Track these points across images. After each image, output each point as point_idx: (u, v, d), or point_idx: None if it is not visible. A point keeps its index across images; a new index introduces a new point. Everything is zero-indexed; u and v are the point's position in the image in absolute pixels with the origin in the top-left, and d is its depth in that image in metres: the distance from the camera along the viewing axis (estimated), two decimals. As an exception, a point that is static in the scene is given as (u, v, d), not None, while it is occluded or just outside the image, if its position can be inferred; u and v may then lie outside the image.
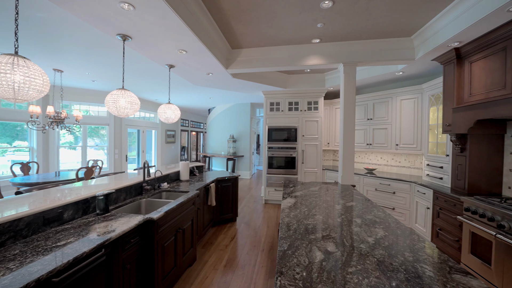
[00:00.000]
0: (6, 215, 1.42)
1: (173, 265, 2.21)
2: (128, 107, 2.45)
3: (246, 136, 7.86)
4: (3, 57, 1.51)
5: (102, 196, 1.94)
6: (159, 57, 3.12)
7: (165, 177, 3.16)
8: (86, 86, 5.73)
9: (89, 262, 1.37)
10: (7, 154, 5.35)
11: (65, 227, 1.67)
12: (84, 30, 2.90)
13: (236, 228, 3.72)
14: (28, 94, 1.58)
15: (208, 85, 4.72)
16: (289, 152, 4.86)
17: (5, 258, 1.25)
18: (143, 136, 7.82)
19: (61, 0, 1.92)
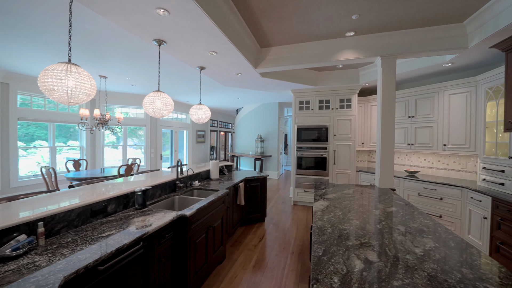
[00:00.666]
0: (61, 206, 1.58)
1: (204, 262, 2.26)
2: (163, 108, 2.57)
3: (274, 136, 7.79)
4: (59, 65, 1.68)
5: (140, 192, 2.06)
6: (191, 59, 3.23)
7: (196, 175, 3.26)
8: (126, 90, 6.23)
9: (129, 254, 1.45)
10: (63, 152, 6.07)
11: (109, 220, 1.80)
12: (124, 38, 3.12)
13: (264, 229, 3.68)
14: (79, 98, 1.74)
15: (237, 85, 4.77)
16: (319, 153, 4.67)
17: (60, 245, 1.38)
18: (175, 136, 8.25)
19: (106, 11, 2.09)
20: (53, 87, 1.64)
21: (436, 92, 3.62)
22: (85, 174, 4.62)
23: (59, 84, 1.65)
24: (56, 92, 1.65)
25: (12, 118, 4.85)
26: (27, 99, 5.26)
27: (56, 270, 1.12)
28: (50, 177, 4.07)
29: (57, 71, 1.64)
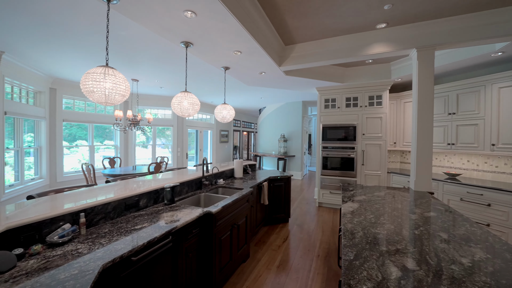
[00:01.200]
0: (99, 199, 1.70)
1: (229, 259, 2.27)
2: (190, 107, 2.65)
3: (297, 136, 7.65)
4: (98, 68, 1.81)
5: (169, 188, 2.14)
6: (215, 60, 3.29)
7: (221, 174, 3.32)
8: (155, 92, 6.58)
9: (159, 247, 1.51)
10: (100, 150, 6.60)
11: (141, 213, 1.90)
12: (154, 42, 3.28)
13: (288, 229, 3.62)
14: (115, 98, 1.86)
15: (260, 84, 4.76)
16: (346, 153, 4.47)
17: (98, 235, 1.48)
18: (200, 136, 8.51)
19: (138, 17, 2.21)
20: (92, 89, 1.77)
21: (483, 86, 3.25)
22: (119, 171, 4.97)
23: (98, 86, 1.78)
24: (96, 94, 1.78)
25: (58, 119, 5.39)
26: (70, 103, 5.81)
27: (95, 258, 1.20)
28: (89, 173, 4.45)
29: (96, 74, 1.77)
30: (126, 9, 2.08)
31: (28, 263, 1.14)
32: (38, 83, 4.83)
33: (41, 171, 5.09)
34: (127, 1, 1.96)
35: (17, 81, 4.26)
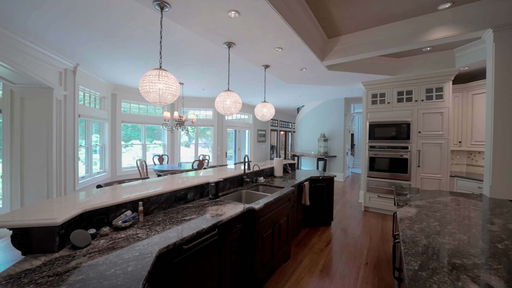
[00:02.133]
0: (154, 190, 1.85)
1: (270, 258, 2.25)
2: (233, 106, 2.71)
3: (339, 135, 7.24)
4: (153, 71, 1.98)
5: (214, 183, 2.22)
6: (256, 59, 3.32)
7: (261, 172, 3.32)
8: (198, 94, 6.98)
9: (207, 238, 1.56)
10: (150, 149, 7.30)
11: (188, 206, 2.01)
12: (198, 46, 3.46)
13: (331, 233, 3.43)
14: (167, 98, 2.01)
15: (301, 81, 4.64)
16: (398, 153, 4.03)
17: (153, 223, 1.61)
18: (239, 135, 8.73)
19: (186, 21, 2.35)
20: (148, 90, 1.94)
21: None
22: (166, 167, 5.41)
23: (153, 87, 1.94)
24: (151, 94, 1.94)
25: (117, 121, 6.13)
26: (127, 106, 6.55)
27: (152, 243, 1.30)
28: (142, 168, 4.94)
29: (151, 76, 1.94)
30: (176, 15, 2.23)
31: (99, 242, 1.30)
32: (103, 90, 5.58)
33: (105, 166, 5.86)
34: (176, 8, 2.10)
35: (87, 88, 4.98)
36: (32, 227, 1.16)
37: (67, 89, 4.26)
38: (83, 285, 0.93)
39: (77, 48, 3.61)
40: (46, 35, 3.15)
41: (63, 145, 4.18)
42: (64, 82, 4.21)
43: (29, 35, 3.14)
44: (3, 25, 2.86)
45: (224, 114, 2.81)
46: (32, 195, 3.91)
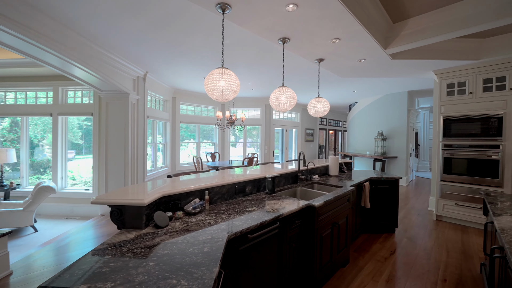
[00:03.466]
0: (215, 182, 1.96)
1: (329, 259, 2.13)
2: (288, 102, 2.68)
3: (400, 133, 6.45)
4: (216, 69, 2.10)
5: (270, 178, 2.22)
6: (310, 53, 3.21)
7: (315, 170, 3.19)
8: (247, 94, 7.20)
9: (269, 230, 1.56)
10: (202, 147, 7.86)
11: (247, 198, 2.06)
12: (249, 46, 3.54)
13: (395, 241, 3.06)
14: (228, 95, 2.10)
15: (357, 74, 4.30)
16: (484, 153, 3.34)
17: (218, 211, 1.69)
18: (286, 134, 8.65)
19: (244, 21, 2.42)
20: (212, 88, 2.06)
21: None
22: (217, 164, 5.72)
23: (216, 84, 2.05)
24: (214, 92, 2.06)
25: (177, 121, 6.79)
26: (184, 108, 7.20)
27: (221, 229, 1.36)
28: (198, 164, 5.34)
29: (214, 75, 2.05)
30: (236, 15, 2.32)
31: (175, 224, 1.43)
32: (165, 93, 6.26)
33: (166, 161, 6.57)
34: (237, 8, 2.17)
35: (153, 93, 5.67)
36: (126, 205, 1.36)
37: (139, 94, 4.92)
38: (169, 259, 1.03)
39: (148, 57, 4.12)
40: (125, 48, 3.70)
41: (136, 143, 4.84)
42: (136, 88, 4.88)
43: (112, 49, 3.73)
44: (95, 42, 3.47)
45: (279, 110, 2.80)
46: (113, 183, 4.64)
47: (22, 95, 5.28)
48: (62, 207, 4.91)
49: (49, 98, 5.14)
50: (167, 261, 1.01)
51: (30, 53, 2.93)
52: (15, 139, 6.28)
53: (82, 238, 3.24)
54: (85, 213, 4.82)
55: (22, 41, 2.59)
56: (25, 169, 5.23)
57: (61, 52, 2.96)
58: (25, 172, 5.23)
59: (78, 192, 4.97)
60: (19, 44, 2.68)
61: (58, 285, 0.84)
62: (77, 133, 5.74)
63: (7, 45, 2.69)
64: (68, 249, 2.90)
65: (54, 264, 2.56)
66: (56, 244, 3.06)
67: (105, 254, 1.06)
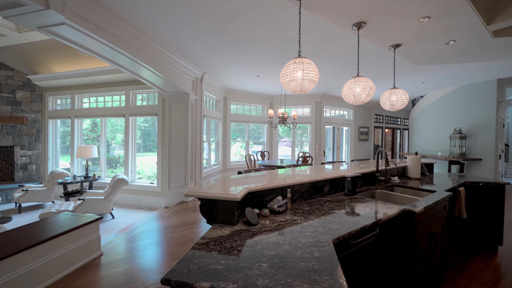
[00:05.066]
0: (297, 179, 1.82)
1: (425, 275, 1.79)
2: (363, 93, 2.40)
3: (486, 131, 5.35)
4: (292, 60, 1.97)
5: (350, 178, 1.99)
6: (386, 38, 2.84)
7: (393, 171, 2.81)
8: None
9: (369, 237, 1.35)
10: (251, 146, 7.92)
11: (327, 199, 1.87)
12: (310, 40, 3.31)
13: (500, 262, 2.47)
14: (305, 86, 1.95)
15: (439, 60, 3.69)
16: None
17: (303, 211, 1.55)
18: (338, 133, 8.10)
19: (318, 8, 2.24)
20: (289, 80, 1.94)
21: None
22: (267, 162, 5.64)
23: (292, 75, 1.92)
24: (292, 83, 1.93)
25: (228, 121, 6.97)
26: (234, 107, 7.35)
27: (318, 231, 1.21)
28: (250, 162, 5.34)
29: (291, 65, 1.93)
30: (310, 2, 2.15)
31: (265, 222, 1.34)
32: (218, 94, 6.47)
33: (218, 159, 6.79)
34: (314, -9, 2.01)
35: (208, 93, 5.90)
36: (218, 200, 1.32)
37: (197, 94, 5.17)
38: (281, 261, 0.92)
39: (206, 58, 4.27)
40: (188, 50, 3.88)
41: (194, 141, 5.09)
42: (195, 88, 5.13)
43: (177, 51, 3.96)
44: (163, 46, 3.73)
45: (353, 103, 2.53)
46: (175, 179, 4.97)
47: (101, 99, 6.10)
48: (131, 198, 5.49)
49: (122, 101, 5.80)
50: (279, 264, 0.90)
51: (109, 57, 3.25)
52: (95, 137, 7.31)
53: (151, 228, 3.50)
54: (151, 205, 5.28)
55: (105, 47, 2.88)
56: (103, 163, 6.02)
57: (136, 56, 3.22)
58: (103, 166, 6.02)
59: (144, 185, 5.48)
60: (101, 49, 2.98)
61: (179, 279, 0.80)
62: (137, 133, 6.34)
63: (93, 51, 3.05)
64: (141, 238, 3.15)
65: (133, 250, 2.79)
66: (131, 232, 3.36)
67: (210, 250, 1.01)
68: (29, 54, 5.31)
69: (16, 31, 4.44)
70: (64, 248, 2.26)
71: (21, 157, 5.93)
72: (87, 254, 2.50)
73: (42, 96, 6.25)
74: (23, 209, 4.99)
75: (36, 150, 6.14)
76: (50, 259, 2.12)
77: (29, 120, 6.01)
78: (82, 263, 2.42)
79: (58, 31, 2.50)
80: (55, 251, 2.18)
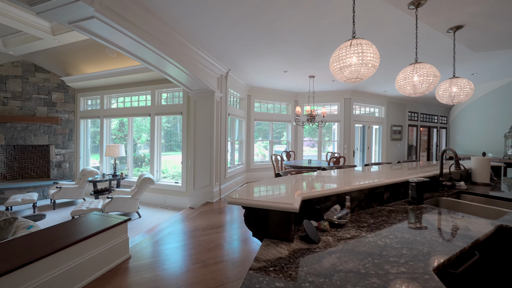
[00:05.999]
0: (355, 184, 1.52)
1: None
2: (424, 82, 2.02)
3: (551, 128, 4.59)
4: (347, 42, 1.67)
5: (414, 183, 1.65)
6: (448, 17, 2.42)
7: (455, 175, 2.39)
8: (326, 88, 6.56)
9: (470, 264, 1.03)
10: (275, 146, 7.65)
11: (390, 209, 1.55)
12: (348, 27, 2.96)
13: None
14: (361, 72, 1.64)
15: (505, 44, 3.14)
16: None
17: (368, 224, 1.25)
18: (368, 132, 7.55)
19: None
20: (342, 66, 1.64)
21: None
22: (293, 163, 5.33)
23: (346, 61, 1.63)
24: (346, 71, 1.64)
25: (251, 119, 6.75)
26: (258, 105, 7.12)
27: (403, 255, 0.92)
28: (277, 162, 5.07)
29: (345, 48, 1.63)
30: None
31: (328, 239, 1.07)
32: (242, 91, 6.28)
33: (242, 159, 6.61)
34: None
35: (232, 90, 5.73)
36: (270, 210, 1.07)
37: (222, 92, 5.01)
38: (380, 307, 0.64)
39: (232, 52, 4.07)
40: (214, 45, 3.72)
41: (219, 140, 4.93)
42: (220, 86, 4.98)
43: (203, 47, 3.81)
44: (190, 41, 3.59)
45: (410, 95, 2.16)
46: (199, 179, 4.85)
47: (128, 99, 6.19)
48: (157, 197, 5.48)
49: (148, 100, 5.83)
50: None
51: (137, 53, 3.14)
52: (122, 137, 7.48)
53: (178, 230, 3.38)
54: (176, 204, 5.23)
55: (133, 42, 2.77)
56: (130, 162, 6.10)
57: (163, 51, 3.09)
58: (130, 165, 6.10)
59: (169, 184, 5.44)
60: (130, 44, 2.88)
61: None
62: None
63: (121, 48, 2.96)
64: (168, 241, 3.02)
65: (161, 254, 2.66)
66: (158, 234, 3.25)
67: (272, 278, 0.77)
68: (63, 57, 5.51)
69: (51, 34, 4.58)
70: (93, 250, 2.17)
71: (55, 155, 6.20)
72: (116, 257, 2.40)
73: (74, 97, 6.50)
74: (57, 205, 5.17)
75: (69, 149, 6.39)
76: (80, 262, 2.03)
77: (62, 120, 6.27)
78: (111, 266, 2.32)
79: (88, 26, 2.43)
80: (85, 253, 2.09)
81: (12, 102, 5.78)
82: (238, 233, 3.21)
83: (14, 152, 6.09)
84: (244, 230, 3.27)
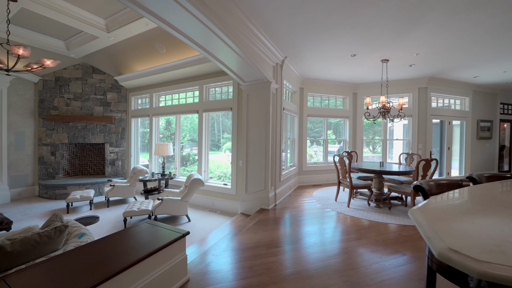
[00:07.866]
0: None
1: None
2: None
3: None
4: None
5: None
6: None
7: None
8: (400, 76, 5.44)
9: None
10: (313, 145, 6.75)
11: None
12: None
13: None
14: None
15: None
16: None
17: None
18: (449, 128, 6.13)
19: None
20: None
21: None
22: (357, 165, 4.41)
23: None
24: None
25: (304, 115, 5.99)
26: (311, 99, 6.31)
27: None
28: (343, 165, 4.23)
29: None
30: None
31: None
32: (294, 83, 5.57)
33: (294, 159, 5.89)
34: None
35: (286, 82, 5.06)
36: None
37: (277, 83, 4.38)
38: None
39: (293, 34, 3.44)
40: (275, 23, 3.10)
41: (275, 138, 4.31)
42: (275, 76, 4.35)
43: (262, 25, 3.22)
44: (249, 18, 3.00)
45: None
46: (252, 182, 4.28)
47: (176, 96, 6.01)
48: (204, 199, 5.11)
49: (195, 97, 5.53)
50: None
51: (187, 33, 2.62)
52: (169, 135, 7.43)
53: (237, 245, 2.83)
54: (225, 208, 4.78)
55: (188, 14, 2.26)
56: (178, 161, 5.90)
57: (218, 25, 2.49)
58: (177, 164, 5.89)
59: (218, 186, 5.03)
60: (181, 20, 2.39)
61: None
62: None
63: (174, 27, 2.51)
64: (227, 259, 2.49)
65: (223, 281, 2.11)
66: (213, 249, 2.75)
67: None
68: (116, 56, 5.54)
69: (105, 31, 4.52)
70: (149, 274, 1.71)
71: (110, 153, 6.36)
72: (174, 279, 1.93)
73: (126, 97, 6.60)
74: (110, 203, 5.18)
75: (121, 147, 6.51)
76: (135, 290, 1.57)
77: (116, 119, 6.40)
78: (169, 293, 1.85)
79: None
80: (141, 278, 1.63)
81: (73, 103, 6.07)
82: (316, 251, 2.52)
83: (75, 150, 6.41)
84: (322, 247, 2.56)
